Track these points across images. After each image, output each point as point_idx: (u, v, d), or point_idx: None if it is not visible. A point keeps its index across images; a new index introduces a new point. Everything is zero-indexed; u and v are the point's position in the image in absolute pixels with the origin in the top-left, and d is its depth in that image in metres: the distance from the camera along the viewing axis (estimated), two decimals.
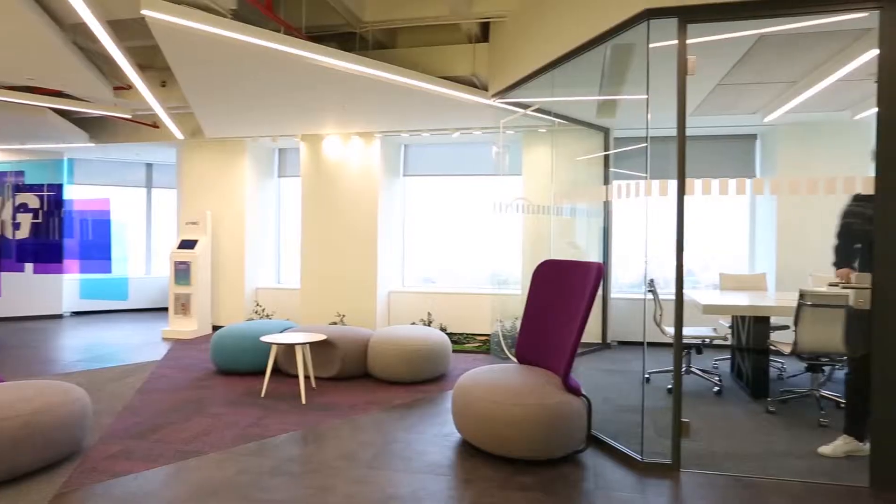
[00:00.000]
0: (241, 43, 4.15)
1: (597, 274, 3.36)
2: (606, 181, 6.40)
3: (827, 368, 4.64)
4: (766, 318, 4.48)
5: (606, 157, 6.46)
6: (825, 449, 3.37)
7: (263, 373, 4.96)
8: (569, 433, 3.22)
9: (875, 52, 2.97)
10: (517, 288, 6.57)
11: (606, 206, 6.45)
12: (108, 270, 8.76)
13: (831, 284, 3.41)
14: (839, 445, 3.34)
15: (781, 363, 5.30)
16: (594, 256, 6.48)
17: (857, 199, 3.35)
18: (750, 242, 6.75)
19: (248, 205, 7.61)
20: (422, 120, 6.40)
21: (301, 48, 4.38)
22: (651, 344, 4.78)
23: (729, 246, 6.91)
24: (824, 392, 4.23)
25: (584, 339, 6.27)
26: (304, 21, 5.04)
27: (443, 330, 6.89)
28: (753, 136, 6.60)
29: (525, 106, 5.54)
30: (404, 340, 4.90)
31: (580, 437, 3.32)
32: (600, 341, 6.44)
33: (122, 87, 6.00)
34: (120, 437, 3.58)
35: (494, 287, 6.53)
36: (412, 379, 4.90)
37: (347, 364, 4.95)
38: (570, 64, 4.14)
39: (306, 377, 4.85)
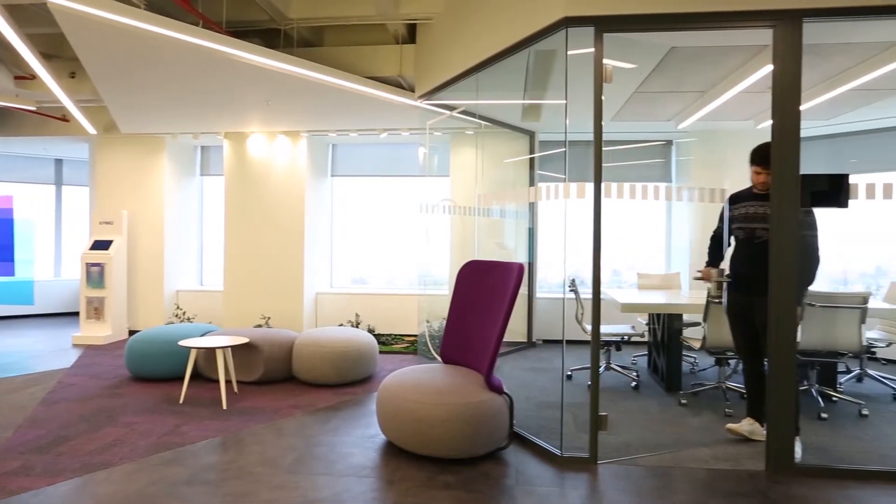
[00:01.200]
0: (155, 35, 3.98)
1: (518, 274, 3.44)
2: (532, 183, 6.55)
3: (733, 362, 4.92)
4: (680, 316, 4.71)
5: (532, 160, 6.62)
6: (732, 424, 3.68)
7: (182, 379, 4.77)
8: (491, 431, 3.28)
9: (771, 66, 3.18)
10: (445, 288, 6.63)
11: (532, 207, 6.60)
12: (11, 273, 8.18)
13: (695, 279, 3.75)
14: (743, 425, 3.63)
15: (694, 358, 5.59)
16: (522, 257, 6.62)
17: (731, 200, 3.67)
18: (667, 242, 7.08)
19: (168, 204, 7.31)
20: (349, 120, 6.34)
21: (219, 43, 4.25)
22: (574, 342, 4.92)
23: (649, 246, 7.22)
24: (730, 384, 4.49)
25: (510, 338, 6.48)
26: (224, 15, 4.90)
27: (371, 331, 6.85)
28: (670, 143, 6.93)
29: (451, 108, 5.59)
30: (330, 342, 4.84)
31: (503, 434, 3.38)
32: (526, 340, 6.58)
33: (24, 76, 5.63)
34: (19, 452, 3.35)
35: (422, 288, 6.56)
36: (338, 381, 4.85)
37: (271, 367, 4.84)
38: (495, 67, 4.22)
39: (228, 382, 4.71)
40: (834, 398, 4.36)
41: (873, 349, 4.49)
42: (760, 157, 3.40)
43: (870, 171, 5.83)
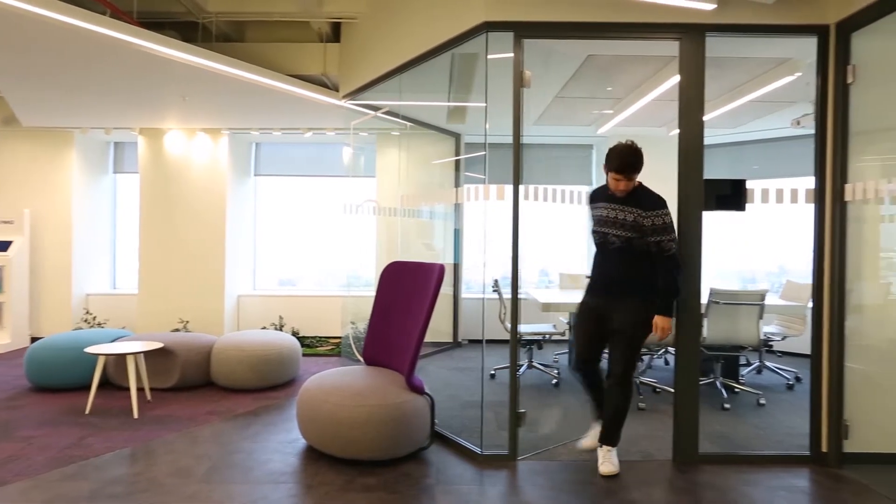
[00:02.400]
0: (56, 23, 3.74)
1: (438, 275, 3.47)
2: (458, 185, 6.61)
3: (646, 357, 5.15)
4: None
5: (458, 161, 6.68)
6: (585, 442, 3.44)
7: (90, 388, 4.52)
8: (412, 431, 3.29)
9: (678, 77, 3.36)
10: (372, 290, 6.57)
11: (458, 208, 6.67)
12: None
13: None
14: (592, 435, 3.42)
15: None
16: (449, 257, 6.68)
17: (590, 199, 3.34)
18: (588, 243, 7.32)
19: (77, 202, 6.89)
20: (272, 118, 6.20)
21: (129, 34, 4.05)
22: (498, 341, 5.00)
23: (574, 246, 7.45)
24: (643, 379, 4.69)
25: (436, 338, 6.52)
26: (135, 5, 4.67)
27: (295, 334, 6.72)
28: (590, 146, 7.17)
29: (376, 108, 5.57)
30: (251, 346, 4.71)
31: (424, 434, 3.40)
32: (451, 340, 6.64)
33: None
34: None
35: (347, 289, 6.49)
36: (259, 386, 4.72)
37: (188, 373, 4.66)
38: (419, 69, 4.23)
39: (139, 389, 4.50)
40: (736, 389, 4.65)
41: (771, 342, 4.82)
42: (618, 163, 3.02)
43: (769, 177, 6.24)
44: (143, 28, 4.16)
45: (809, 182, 3.34)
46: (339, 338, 6.78)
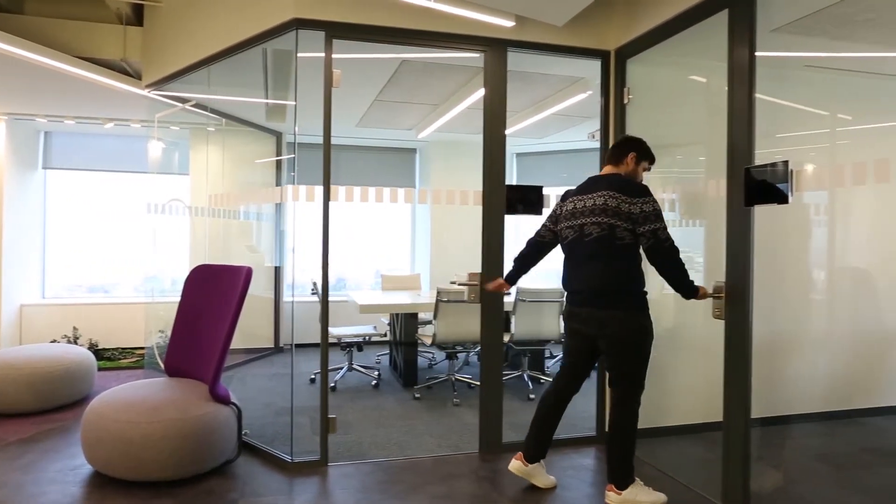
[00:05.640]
0: None
1: (245, 278, 3.31)
2: (279, 184, 6.39)
3: (461, 355, 5.39)
4: (415, 314, 5.00)
5: (279, 161, 6.46)
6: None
7: None
8: (217, 445, 3.10)
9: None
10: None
11: (282, 209, 6.44)
12: None
13: (452, 282, 3.98)
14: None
15: (432, 353, 5.99)
16: (273, 260, 6.43)
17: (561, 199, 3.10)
18: (412, 245, 7.49)
19: None
20: (63, 105, 5.49)
21: None
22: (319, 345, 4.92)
23: (399, 248, 7.56)
24: (459, 376, 4.90)
25: (256, 344, 6.24)
26: None
27: (93, 346, 6.03)
28: (414, 150, 7.34)
29: (184, 100, 5.19)
30: (29, 363, 4.12)
31: (231, 446, 3.22)
32: (272, 345, 6.40)
33: None
34: None
35: (151, 295, 5.97)
36: (41, 408, 4.15)
37: None
38: (234, 63, 4.01)
39: None
40: (541, 381, 5.03)
41: None
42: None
43: (573, 185, 6.85)
44: None
45: None
46: (144, 348, 6.20)
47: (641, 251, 2.74)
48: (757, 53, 2.65)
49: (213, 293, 3.59)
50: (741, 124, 2.68)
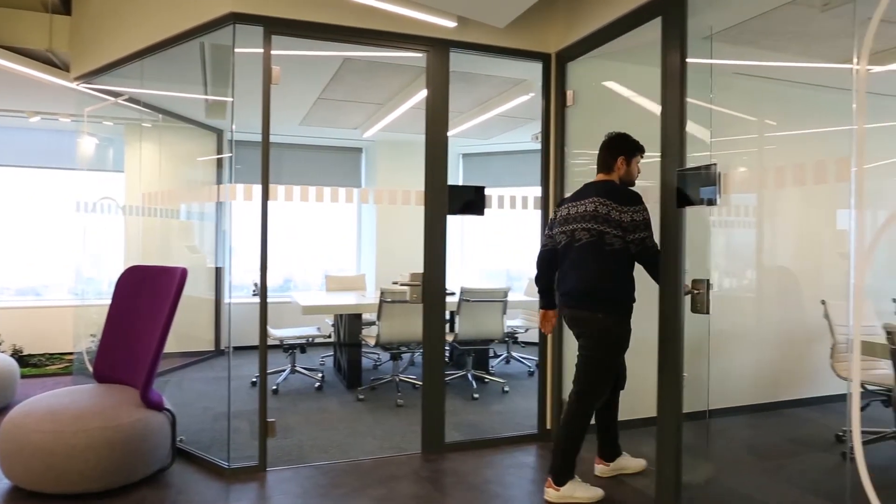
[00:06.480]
0: None
1: (180, 279, 3.20)
2: (219, 183, 6.22)
3: (406, 356, 5.37)
4: (359, 315, 4.95)
5: (220, 159, 6.29)
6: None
7: None
8: (149, 453, 2.99)
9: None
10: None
11: (222, 208, 6.26)
12: None
13: (394, 283, 3.97)
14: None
15: (378, 354, 5.95)
16: (212, 261, 6.25)
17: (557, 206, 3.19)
18: (358, 245, 7.42)
19: None
20: None
21: None
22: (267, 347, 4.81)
23: (346, 249, 7.47)
24: (403, 376, 4.88)
25: (196, 347, 6.05)
26: None
27: (17, 352, 5.71)
28: (360, 149, 7.27)
29: (117, 95, 4.98)
30: None
31: (164, 454, 3.11)
32: (213, 349, 6.22)
33: None
34: None
35: (84, 298, 5.71)
36: None
37: None
38: (171, 58, 3.86)
39: None
40: (486, 380, 5.07)
41: (516, 334, 5.34)
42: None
43: (519, 186, 6.94)
44: None
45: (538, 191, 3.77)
46: (74, 354, 5.93)
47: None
48: (688, 60, 2.74)
49: (146, 295, 3.46)
50: (673, 128, 2.76)
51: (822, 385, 4.25)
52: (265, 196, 3.20)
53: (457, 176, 7.35)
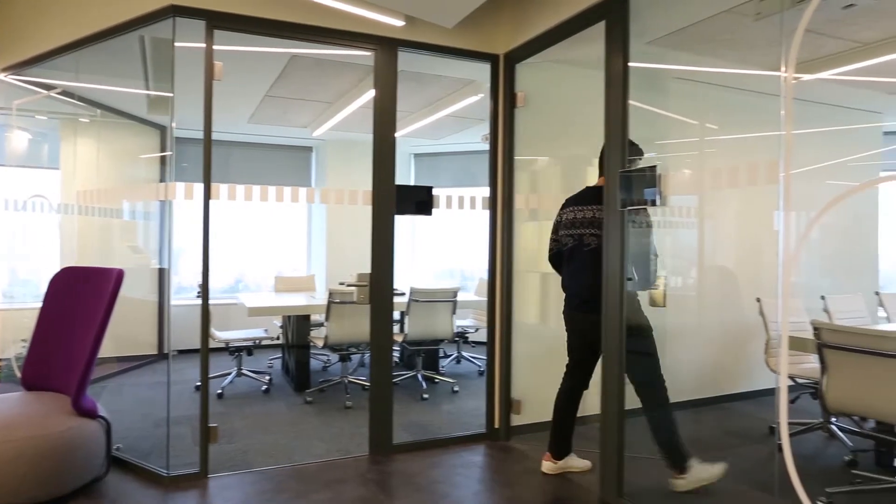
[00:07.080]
0: None
1: (116, 281, 3.08)
2: (163, 181, 6.02)
3: (355, 357, 5.32)
4: (308, 316, 4.88)
5: (164, 157, 6.09)
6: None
7: None
8: (82, 462, 2.86)
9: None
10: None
11: (166, 207, 6.06)
12: None
13: (341, 283, 3.91)
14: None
15: (327, 356, 5.87)
16: (154, 261, 6.04)
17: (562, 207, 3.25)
18: (308, 245, 7.31)
19: None
20: None
21: None
22: (211, 349, 4.68)
23: (297, 249, 7.35)
24: (352, 378, 4.83)
25: (137, 351, 5.84)
26: None
27: None
28: (310, 149, 7.17)
29: (49, 87, 4.76)
30: None
31: (98, 463, 2.98)
32: (156, 352, 6.02)
33: None
34: None
35: (13, 301, 5.43)
36: None
37: None
38: (104, 49, 3.72)
39: None
40: (436, 380, 5.06)
41: (467, 334, 5.36)
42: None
43: (470, 186, 6.98)
44: None
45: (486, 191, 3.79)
46: (3, 361, 5.63)
47: None
48: (630, 63, 2.80)
49: (80, 297, 3.31)
50: (616, 130, 2.82)
51: (758, 380, 4.43)
52: (207, 195, 3.12)
53: (409, 176, 7.33)
